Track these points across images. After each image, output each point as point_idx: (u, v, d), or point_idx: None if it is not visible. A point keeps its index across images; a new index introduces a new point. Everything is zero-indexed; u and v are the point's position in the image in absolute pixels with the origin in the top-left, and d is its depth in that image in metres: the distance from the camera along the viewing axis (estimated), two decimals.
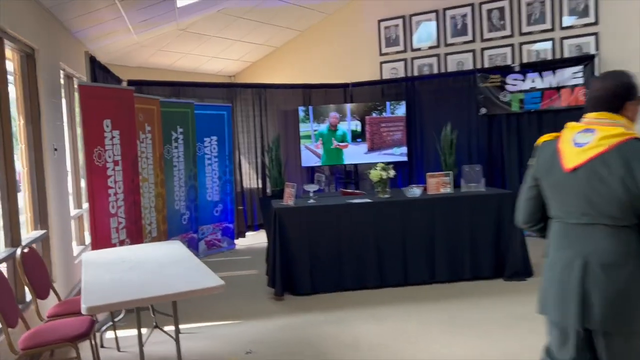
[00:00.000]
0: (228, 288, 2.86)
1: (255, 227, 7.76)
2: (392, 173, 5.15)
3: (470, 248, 4.97)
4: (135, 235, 4.74)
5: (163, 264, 3.24)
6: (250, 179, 7.67)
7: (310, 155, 7.70)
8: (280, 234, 4.73)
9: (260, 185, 7.66)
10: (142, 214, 5.09)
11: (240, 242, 7.35)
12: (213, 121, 6.82)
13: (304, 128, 7.66)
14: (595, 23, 6.64)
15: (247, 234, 7.62)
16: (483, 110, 7.22)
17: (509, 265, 4.97)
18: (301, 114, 7.65)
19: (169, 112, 5.93)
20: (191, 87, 7.11)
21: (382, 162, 5.26)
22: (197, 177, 6.46)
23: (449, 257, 4.96)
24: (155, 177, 5.50)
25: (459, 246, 4.97)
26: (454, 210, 4.97)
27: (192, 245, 6.31)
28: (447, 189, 5.26)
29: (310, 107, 7.68)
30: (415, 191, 5.12)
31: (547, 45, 6.99)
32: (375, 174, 5.10)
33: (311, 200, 5.05)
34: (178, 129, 6.08)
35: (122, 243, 4.55)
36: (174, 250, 3.63)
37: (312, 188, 5.06)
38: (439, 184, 5.28)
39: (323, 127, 7.69)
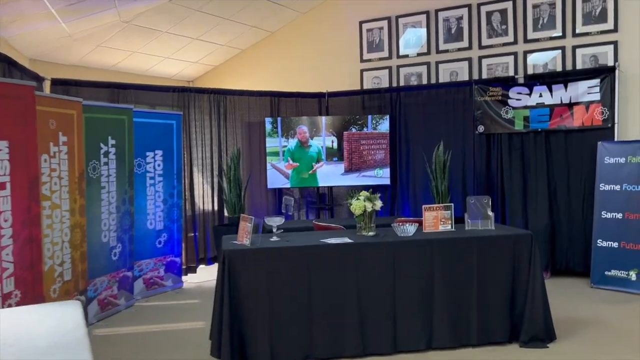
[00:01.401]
0: (159, 352, 1.64)
1: (208, 261, 6.49)
2: (378, 205, 4.01)
3: (478, 305, 3.83)
4: (32, 285, 3.46)
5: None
6: (205, 202, 6.42)
7: (277, 176, 6.52)
8: (231, 285, 3.51)
9: (217, 208, 6.41)
10: (47, 253, 3.82)
11: (189, 279, 6.09)
12: (158, 132, 5.58)
13: (271, 143, 6.49)
14: (614, 30, 5.67)
15: (198, 268, 6.35)
16: (481, 129, 6.17)
17: (526, 327, 3.84)
18: (268, 127, 6.48)
19: (97, 120, 4.69)
20: (132, 90, 5.85)
21: (363, 186, 4.13)
22: (135, 201, 5.21)
23: (452, 317, 3.81)
24: (72, 202, 4.23)
25: (463, 302, 3.82)
26: (458, 255, 3.84)
27: (125, 286, 5.04)
28: (448, 226, 4.14)
29: (279, 119, 6.52)
30: (408, 228, 3.97)
31: (555, 53, 6.00)
32: (357, 206, 3.95)
33: (274, 238, 3.86)
34: (110, 140, 4.83)
35: (6, 298, 3.27)
36: (54, 323, 2.36)
37: (274, 222, 3.87)
38: (437, 219, 4.15)
39: (292, 142, 6.52)
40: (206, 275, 6.18)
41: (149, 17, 6.10)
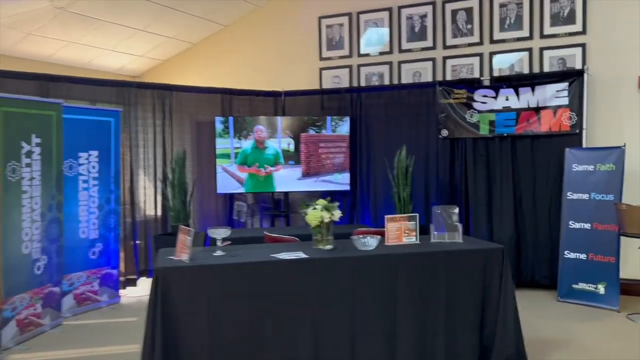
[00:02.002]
0: None
1: (150, 273, 5.93)
2: (337, 215, 3.59)
3: (446, 327, 3.47)
4: None
5: None
6: (147, 208, 5.85)
7: (229, 180, 6.03)
8: (164, 309, 3.02)
9: (161, 215, 5.85)
10: None
11: (128, 293, 5.53)
12: (94, 130, 5.02)
13: (222, 144, 6.00)
14: (583, 32, 5.45)
15: (139, 281, 5.79)
16: (444, 133, 5.86)
17: (497, 350, 3.48)
18: (219, 127, 5.99)
19: (18, 115, 4.11)
20: (66, 84, 5.23)
21: (321, 191, 3.71)
22: (65, 207, 4.63)
23: (417, 341, 3.43)
24: None
25: (430, 324, 3.45)
26: (424, 271, 3.46)
27: (51, 303, 4.45)
28: (412, 239, 3.77)
29: (231, 118, 6.03)
30: (369, 241, 3.57)
31: (522, 55, 5.74)
32: (313, 216, 3.52)
33: (218, 252, 3.39)
34: (34, 139, 4.24)
35: None
36: None
37: (218, 235, 3.39)
38: (401, 230, 3.77)
39: (247, 144, 6.05)
40: (147, 289, 5.60)
41: (86, 3, 5.52)
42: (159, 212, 5.79)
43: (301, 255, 3.34)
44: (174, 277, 3.08)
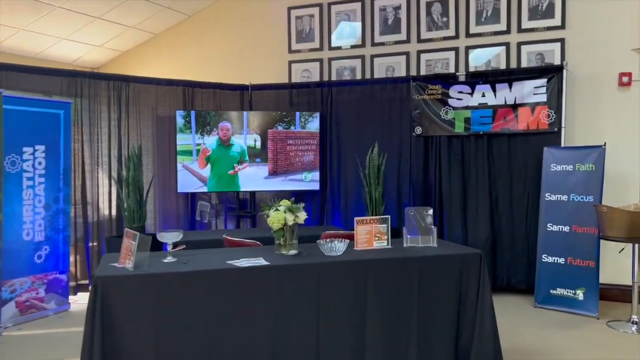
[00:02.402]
0: None
1: None
2: (302, 217, 3.28)
3: (419, 339, 3.19)
4: None
5: None
6: (101, 208, 5.43)
7: (190, 178, 5.67)
8: (104, 323, 2.67)
9: (116, 216, 5.44)
10: None
11: (79, 300, 5.12)
12: (40, 123, 4.61)
13: (184, 140, 5.63)
14: (562, 27, 5.25)
15: (91, 286, 5.38)
16: (418, 130, 5.60)
17: None
18: (180, 121, 5.62)
19: None
20: (7, 72, 4.78)
21: (289, 191, 3.39)
22: (5, 206, 4.22)
23: (387, 353, 3.14)
24: None
25: (402, 337, 3.17)
26: (396, 279, 3.18)
27: None
28: (384, 243, 3.48)
29: (193, 112, 5.66)
30: (336, 246, 3.27)
31: (499, 50, 5.51)
32: (276, 218, 3.20)
33: (169, 259, 3.04)
34: None
35: None
36: None
37: (168, 239, 3.05)
38: (371, 234, 3.48)
39: (211, 140, 5.69)
40: None
41: None
42: (114, 212, 5.38)
43: (261, 261, 3.01)
44: (115, 286, 2.73)
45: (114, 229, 5.41)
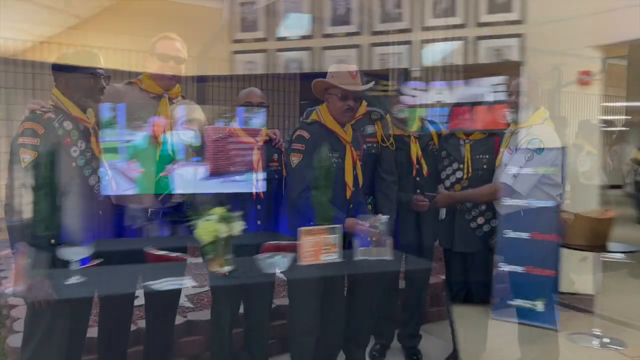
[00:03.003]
0: None
1: None
2: (238, 228, 2.82)
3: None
4: None
5: None
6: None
7: (118, 179, 5.06)
8: None
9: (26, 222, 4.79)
10: None
11: None
12: None
13: (109, 137, 5.02)
14: (521, 21, 4.99)
15: None
16: (370, 129, 5.21)
17: None
18: (105, 115, 5.01)
19: None
20: None
21: (230, 194, 2.92)
22: None
23: None
24: None
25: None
26: (347, 299, 2.77)
27: None
28: (333, 256, 3.06)
29: (121, 105, 5.07)
30: (278, 262, 2.82)
31: (455, 45, 5.21)
32: (205, 230, 2.72)
33: (72, 280, 2.51)
34: None
35: None
36: None
37: (72, 255, 2.52)
38: (319, 246, 3.05)
39: (140, 136, 5.11)
40: None
41: None
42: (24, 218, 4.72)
43: (184, 283, 2.53)
44: None
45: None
